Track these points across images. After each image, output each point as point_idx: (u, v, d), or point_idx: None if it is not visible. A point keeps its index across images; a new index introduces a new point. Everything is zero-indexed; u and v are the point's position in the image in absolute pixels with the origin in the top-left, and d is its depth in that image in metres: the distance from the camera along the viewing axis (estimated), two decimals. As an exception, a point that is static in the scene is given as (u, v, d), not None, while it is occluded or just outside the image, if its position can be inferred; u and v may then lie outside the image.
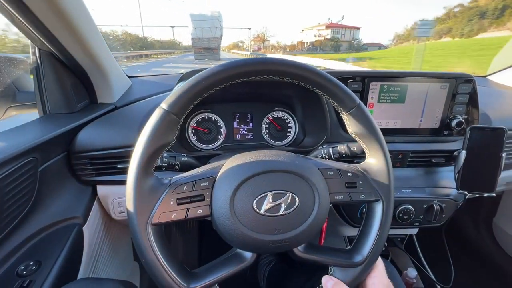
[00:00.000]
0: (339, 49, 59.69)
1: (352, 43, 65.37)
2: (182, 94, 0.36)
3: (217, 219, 0.39)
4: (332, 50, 57.91)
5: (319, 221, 0.41)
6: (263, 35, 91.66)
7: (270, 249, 0.39)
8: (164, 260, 0.37)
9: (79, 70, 0.73)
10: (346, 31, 67.01)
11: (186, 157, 0.61)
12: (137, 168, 0.36)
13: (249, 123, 0.87)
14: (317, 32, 69.72)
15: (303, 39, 75.42)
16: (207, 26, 23.75)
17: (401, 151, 0.80)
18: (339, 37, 65.77)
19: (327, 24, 68.43)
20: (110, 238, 0.85)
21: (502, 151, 0.71)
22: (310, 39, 71.52)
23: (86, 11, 0.64)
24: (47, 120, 0.70)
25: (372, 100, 0.77)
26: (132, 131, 0.70)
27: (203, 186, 0.40)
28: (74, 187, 0.69)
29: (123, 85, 0.92)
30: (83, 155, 0.67)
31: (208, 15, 24.23)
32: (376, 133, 0.43)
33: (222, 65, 0.37)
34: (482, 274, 1.33)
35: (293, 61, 0.39)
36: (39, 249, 0.55)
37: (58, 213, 0.61)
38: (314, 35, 69.85)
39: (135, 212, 0.36)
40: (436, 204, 0.79)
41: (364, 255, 0.43)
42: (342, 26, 67.90)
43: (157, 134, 0.36)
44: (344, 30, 67.09)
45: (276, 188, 0.39)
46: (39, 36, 0.61)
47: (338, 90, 0.41)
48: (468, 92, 0.78)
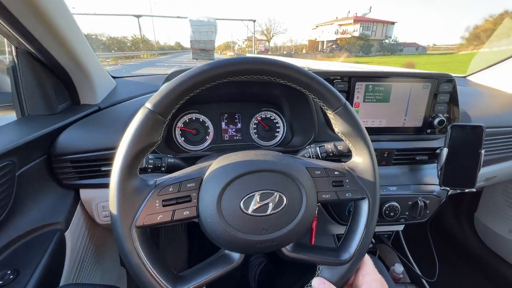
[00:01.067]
0: (369, 51, 41.80)
1: (383, 42, 46.56)
2: (167, 93, 0.36)
3: (204, 220, 0.38)
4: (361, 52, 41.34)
5: (307, 220, 0.42)
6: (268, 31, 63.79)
7: (258, 249, 0.39)
8: (149, 264, 0.36)
9: (60, 70, 0.71)
10: (378, 27, 46.47)
11: (172, 159, 0.60)
12: (120, 169, 0.35)
13: (237, 123, 0.87)
14: (338, 28, 48.62)
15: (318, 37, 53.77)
16: (204, 31, 27.92)
17: (386, 149, 0.82)
18: (369, 34, 45.59)
19: (355, 18, 47.06)
20: (95, 243, 0.82)
21: (481, 148, 0.74)
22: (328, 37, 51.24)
23: (66, 9, 0.62)
24: (26, 122, 0.67)
25: (358, 99, 0.79)
26: (117, 132, 0.68)
27: (189, 187, 0.39)
28: (55, 191, 0.67)
29: (107, 86, 0.90)
30: (64, 158, 0.65)
31: (205, 21, 28.45)
32: (362, 132, 0.44)
33: (209, 64, 0.37)
34: (465, 267, 1.38)
35: (280, 60, 0.39)
36: (17, 257, 0.53)
37: (38, 219, 0.59)
38: (335, 31, 49.14)
39: (119, 215, 0.35)
40: (420, 201, 0.81)
41: (351, 253, 0.43)
42: (372, 20, 47.42)
43: (141, 134, 0.35)
44: (376, 25, 46.24)
45: (263, 187, 0.39)
46: (16, 35, 0.58)
47: (324, 89, 0.41)
48: (449, 91, 0.80)
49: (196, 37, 27.77)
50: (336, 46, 46.80)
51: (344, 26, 48.09)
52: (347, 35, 46.60)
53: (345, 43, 45.36)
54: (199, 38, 27.81)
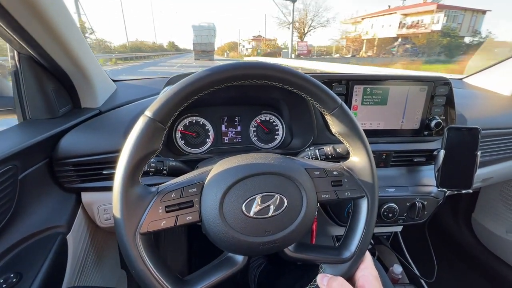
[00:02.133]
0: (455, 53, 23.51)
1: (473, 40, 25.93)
2: (166, 100, 0.36)
3: (207, 224, 0.39)
4: (443, 55, 23.80)
5: (308, 220, 0.42)
6: (302, 23, 38.43)
7: (261, 251, 0.40)
8: (154, 269, 0.36)
9: (61, 74, 0.71)
10: (466, 17, 27.86)
11: (174, 162, 0.61)
12: (122, 178, 0.36)
13: (237, 126, 0.88)
14: (402, 19, 29.35)
15: (365, 34, 33.29)
16: (205, 34, 33.03)
17: (384, 151, 0.83)
18: (455, 28, 26.69)
19: (439, 4, 27.17)
20: (96, 246, 0.83)
21: (477, 150, 0.75)
22: (386, 32, 30.87)
23: (68, 14, 0.63)
24: (27, 126, 0.68)
25: (356, 102, 0.80)
26: (118, 136, 0.69)
27: (191, 192, 0.40)
28: (57, 195, 0.67)
29: (107, 89, 0.90)
30: (66, 162, 0.65)
31: (205, 26, 33.58)
32: (359, 132, 0.45)
33: (208, 69, 0.38)
34: (463, 268, 1.39)
35: (277, 64, 0.40)
36: (20, 260, 0.53)
37: (40, 223, 0.59)
38: (399, 24, 29.25)
39: (123, 223, 0.36)
40: (418, 202, 0.82)
41: (352, 251, 0.44)
42: (459, 8, 27.80)
43: (142, 142, 0.36)
44: (463, 14, 27.68)
45: (264, 190, 0.39)
46: (18, 39, 0.59)
47: (320, 92, 0.42)
48: (445, 94, 0.82)
49: (198, 40, 32.89)
50: (412, 46, 26.29)
51: (414, 17, 28.42)
52: (420, 29, 27.46)
53: (426, 40, 25.85)
54: (200, 41, 32.87)
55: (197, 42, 32.93)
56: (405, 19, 29.72)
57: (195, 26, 33.69)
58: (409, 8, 30.08)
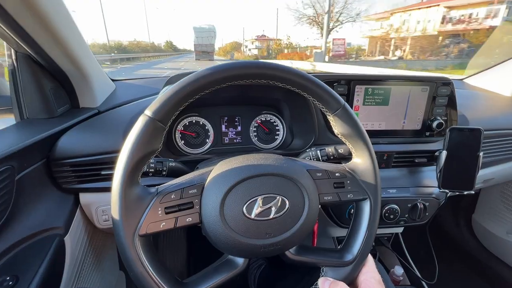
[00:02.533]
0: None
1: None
2: (166, 100, 0.35)
3: (207, 226, 0.38)
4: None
5: (310, 222, 0.42)
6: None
7: (262, 253, 0.39)
8: (153, 272, 0.36)
9: (59, 73, 0.70)
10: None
11: (173, 162, 0.60)
12: (121, 178, 0.35)
13: (237, 126, 0.87)
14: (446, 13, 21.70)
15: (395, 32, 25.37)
16: (205, 36, 34.74)
17: (386, 152, 0.82)
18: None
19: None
20: (94, 247, 0.82)
21: (479, 151, 0.75)
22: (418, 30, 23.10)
23: (66, 12, 0.62)
24: (25, 126, 0.67)
25: (358, 102, 0.79)
26: (117, 136, 0.68)
27: (191, 194, 0.39)
28: (55, 196, 0.66)
29: (106, 89, 0.89)
30: (64, 162, 0.64)
31: (206, 28, 35.57)
32: (362, 133, 0.44)
33: (209, 69, 0.37)
34: (464, 269, 1.39)
35: (279, 64, 0.40)
36: (16, 262, 0.52)
37: (37, 224, 0.58)
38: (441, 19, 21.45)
39: (122, 224, 0.35)
40: (420, 203, 0.81)
41: (354, 254, 0.43)
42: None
43: (142, 142, 0.35)
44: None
45: (265, 191, 0.39)
46: (15, 38, 0.58)
47: (323, 92, 0.41)
48: (447, 94, 0.81)
49: (199, 41, 34.66)
50: (469, 46, 20.33)
51: (463, 10, 21.82)
52: (472, 25, 21.11)
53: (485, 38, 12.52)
54: (201, 42, 34.60)
55: (198, 43, 34.63)
56: (449, 13, 22.88)
57: (196, 27, 35.75)
58: (441, 1, 22.73)
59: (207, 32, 35.14)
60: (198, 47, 34.66)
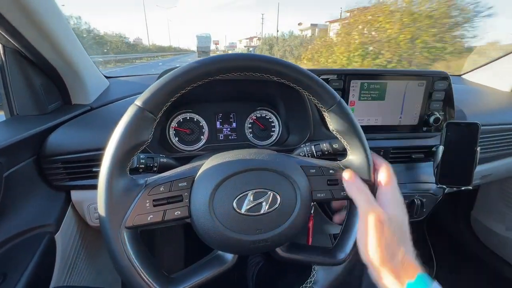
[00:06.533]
0: None
1: None
2: (157, 90, 0.35)
3: (196, 220, 0.37)
4: None
5: (302, 220, 0.41)
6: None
7: (251, 249, 0.38)
8: (139, 265, 0.35)
9: (50, 69, 0.69)
10: None
11: (165, 158, 0.59)
12: (109, 168, 0.34)
13: (232, 123, 0.86)
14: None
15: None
16: (204, 41, 53.50)
17: (382, 147, 0.81)
18: None
19: None
20: (87, 245, 0.81)
21: (477, 146, 0.74)
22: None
23: (55, 5, 0.61)
24: (14, 122, 0.66)
25: (354, 97, 0.78)
26: (109, 132, 0.66)
27: (181, 187, 0.38)
28: (45, 193, 0.65)
29: (99, 85, 0.88)
30: (55, 159, 0.63)
31: (204, 35, 53.87)
32: (357, 130, 0.43)
33: (200, 60, 0.36)
34: (463, 266, 1.38)
35: (274, 57, 0.39)
36: (4, 261, 0.51)
37: (27, 222, 0.57)
38: None
39: (107, 215, 0.34)
40: (417, 199, 0.81)
41: (346, 253, 0.43)
42: None
43: (130, 132, 0.35)
44: None
45: (257, 186, 0.38)
46: (2, 33, 0.56)
47: (318, 87, 0.40)
48: (444, 89, 0.80)
49: (200, 44, 53.05)
50: None
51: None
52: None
53: None
54: (201, 45, 52.82)
55: (199, 45, 52.87)
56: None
57: (198, 35, 54.47)
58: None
59: (205, 38, 53.69)
60: (199, 48, 52.41)
